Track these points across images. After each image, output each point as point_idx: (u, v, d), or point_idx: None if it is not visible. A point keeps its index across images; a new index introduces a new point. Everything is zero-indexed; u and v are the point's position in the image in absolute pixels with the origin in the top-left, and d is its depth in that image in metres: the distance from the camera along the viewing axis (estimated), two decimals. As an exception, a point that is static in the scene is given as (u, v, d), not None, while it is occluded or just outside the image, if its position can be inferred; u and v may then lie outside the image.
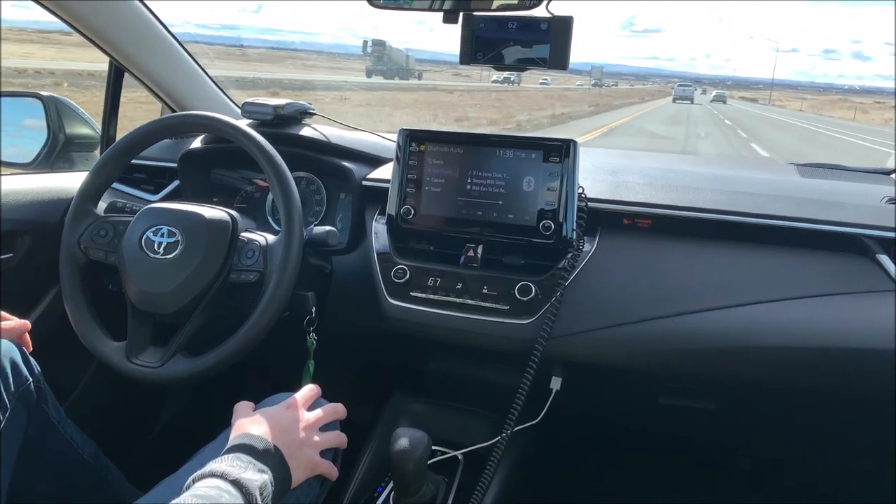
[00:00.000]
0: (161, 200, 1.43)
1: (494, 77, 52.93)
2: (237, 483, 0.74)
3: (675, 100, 46.60)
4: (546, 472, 1.56)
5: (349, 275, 1.32)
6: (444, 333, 1.23)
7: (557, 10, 1.05)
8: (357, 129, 1.56)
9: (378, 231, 1.32)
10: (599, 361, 1.18)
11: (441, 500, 1.22)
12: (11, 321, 1.03)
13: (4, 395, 0.94)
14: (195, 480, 0.75)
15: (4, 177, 1.40)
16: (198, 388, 1.77)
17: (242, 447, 0.81)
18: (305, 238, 1.13)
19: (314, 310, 1.20)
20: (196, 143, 1.51)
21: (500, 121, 19.43)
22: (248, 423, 0.86)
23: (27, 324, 1.04)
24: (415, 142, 1.27)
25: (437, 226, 1.26)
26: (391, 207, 1.28)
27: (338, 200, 1.47)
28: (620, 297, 1.16)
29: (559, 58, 1.08)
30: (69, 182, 1.43)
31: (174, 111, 1.61)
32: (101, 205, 1.22)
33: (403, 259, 1.27)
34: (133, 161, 1.23)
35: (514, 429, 1.17)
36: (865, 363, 1.06)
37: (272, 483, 0.78)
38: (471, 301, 1.20)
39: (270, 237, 1.13)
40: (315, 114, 1.53)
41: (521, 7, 1.06)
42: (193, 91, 1.63)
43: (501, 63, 1.11)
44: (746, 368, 1.12)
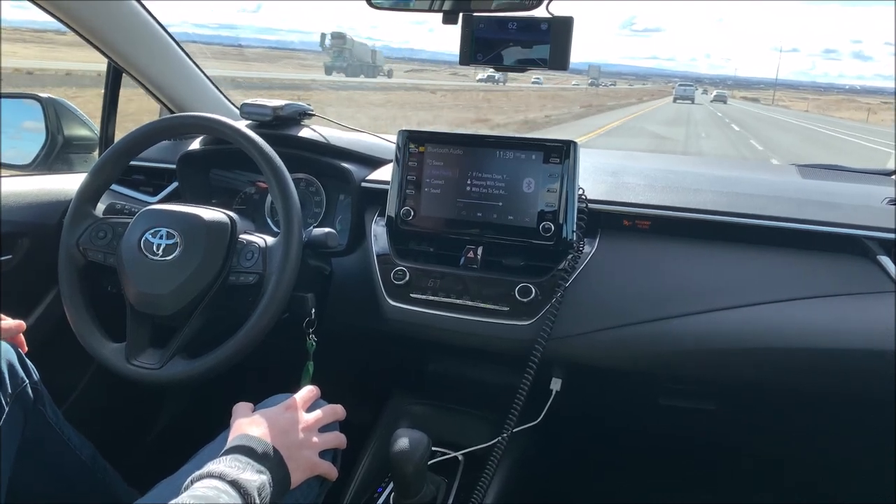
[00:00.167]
0: (160, 202, 1.43)
1: (480, 76, 50.78)
2: (235, 484, 0.74)
3: (676, 99, 46.66)
4: (546, 473, 1.56)
5: (349, 276, 1.32)
6: (444, 335, 1.23)
7: (557, 11, 1.05)
8: (356, 131, 1.56)
9: (377, 232, 1.32)
10: (599, 362, 1.18)
11: (441, 501, 1.22)
12: (7, 321, 1.03)
13: (1, 397, 0.94)
14: (193, 481, 0.75)
15: (3, 178, 1.40)
16: (197, 390, 1.76)
17: (241, 448, 0.80)
18: (305, 240, 1.13)
19: (313, 311, 1.20)
20: (195, 145, 1.50)
21: (467, 123, 17.98)
22: (247, 424, 0.86)
23: (22, 324, 1.04)
24: (414, 143, 1.27)
25: (437, 227, 1.26)
26: (391, 209, 1.27)
27: (337, 202, 1.47)
28: (621, 299, 1.16)
29: (559, 58, 1.07)
30: (68, 184, 1.43)
31: (172, 112, 1.60)
32: (100, 206, 1.22)
33: (403, 260, 1.26)
34: (132, 163, 1.23)
35: (514, 430, 1.16)
36: (866, 364, 1.06)
37: (271, 484, 0.78)
38: (471, 302, 1.20)
39: (269, 239, 1.12)
40: (314, 115, 1.53)
41: (522, 7, 1.05)
42: (192, 92, 1.62)
43: (501, 64, 1.11)
44: (747, 369, 1.12)
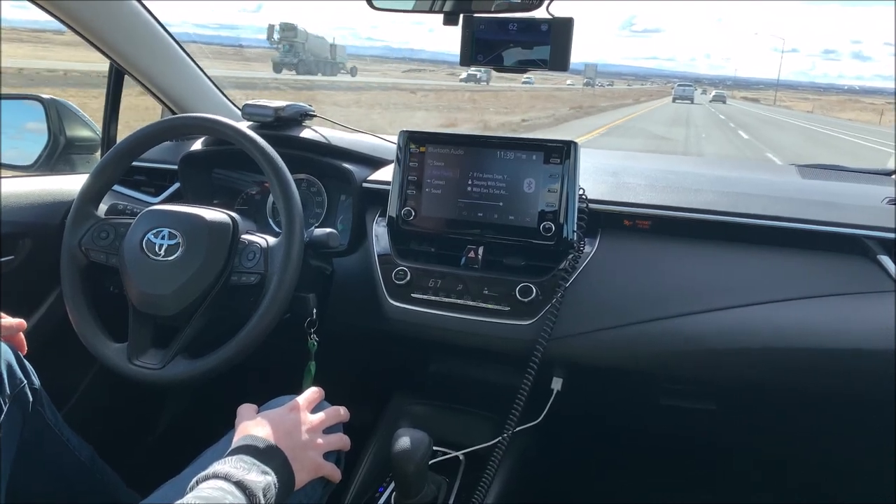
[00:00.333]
0: (162, 202, 1.43)
1: (463, 75, 49.28)
2: (241, 485, 0.74)
3: (675, 99, 46.67)
4: (547, 473, 1.56)
5: (350, 276, 1.32)
6: (445, 334, 1.23)
7: (558, 12, 1.05)
8: (357, 131, 1.56)
9: (379, 233, 1.32)
10: (600, 362, 1.19)
11: (442, 501, 1.22)
12: (8, 319, 1.02)
13: None
14: (199, 482, 0.75)
15: (5, 179, 1.40)
16: (198, 391, 1.77)
17: (246, 448, 0.81)
18: (306, 240, 1.13)
19: (315, 311, 1.20)
20: (196, 146, 1.51)
21: (430, 124, 16.46)
22: (252, 426, 0.86)
23: (23, 323, 1.04)
24: (415, 143, 1.27)
25: (438, 227, 1.26)
26: (392, 209, 1.28)
27: (338, 202, 1.47)
28: (621, 298, 1.16)
29: (560, 59, 1.08)
30: (70, 184, 1.43)
31: (174, 113, 1.61)
32: (102, 207, 1.22)
33: (404, 261, 1.27)
34: (134, 163, 1.24)
35: (515, 429, 1.17)
36: (866, 364, 1.06)
37: (276, 485, 0.78)
38: (472, 302, 1.20)
39: (271, 239, 1.13)
40: (315, 115, 1.53)
41: (522, 8, 1.06)
42: (193, 93, 1.63)
43: (501, 65, 1.11)
44: (747, 369, 1.12)
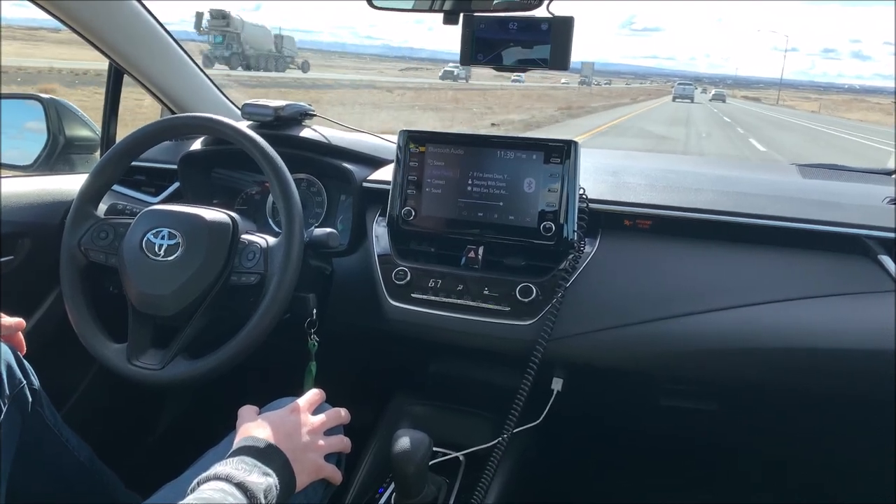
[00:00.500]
0: (161, 202, 1.43)
1: (440, 73, 48.30)
2: (242, 486, 0.73)
3: (675, 98, 46.70)
4: (547, 473, 1.56)
5: (350, 276, 1.32)
6: (445, 335, 1.23)
7: (558, 11, 1.05)
8: (357, 131, 1.56)
9: (379, 233, 1.32)
10: (600, 363, 1.18)
11: (442, 502, 1.22)
12: (7, 319, 1.02)
13: None
14: (200, 483, 0.75)
15: (4, 179, 1.39)
16: (198, 391, 1.76)
17: (247, 450, 0.80)
18: (306, 240, 1.13)
19: (315, 312, 1.20)
20: (196, 145, 1.50)
21: (390, 125, 14.42)
22: (253, 427, 0.86)
23: (22, 322, 1.04)
24: (415, 143, 1.27)
25: (438, 227, 1.26)
26: (392, 209, 1.27)
27: (338, 202, 1.47)
28: (621, 299, 1.16)
29: (560, 58, 1.08)
30: (69, 184, 1.43)
31: (174, 113, 1.60)
32: (102, 207, 1.22)
33: (404, 261, 1.26)
34: (133, 163, 1.23)
35: (515, 430, 1.16)
36: (867, 364, 1.06)
37: (277, 486, 0.78)
38: (472, 302, 1.20)
39: (271, 239, 1.12)
40: (315, 115, 1.53)
41: (522, 7, 1.05)
42: (193, 93, 1.62)
43: (501, 64, 1.11)
44: (748, 369, 1.12)
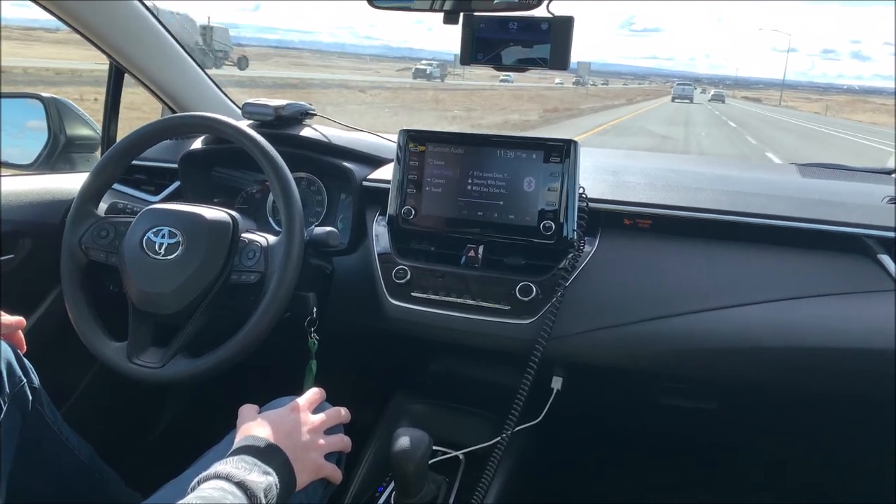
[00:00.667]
0: (162, 201, 1.43)
1: (413, 71, 46.22)
2: (242, 485, 0.73)
3: (675, 99, 46.65)
4: (547, 472, 1.56)
5: (350, 275, 1.32)
6: (445, 334, 1.23)
7: (558, 10, 1.05)
8: (357, 130, 1.56)
9: (379, 232, 1.32)
10: (600, 361, 1.18)
11: (442, 501, 1.22)
12: (7, 317, 1.02)
13: None
14: (200, 482, 0.75)
15: (5, 178, 1.40)
16: (198, 390, 1.76)
17: (248, 449, 0.80)
18: (306, 239, 1.13)
19: (315, 310, 1.20)
20: (197, 144, 1.51)
21: None
22: (254, 426, 0.86)
23: (22, 321, 1.04)
24: (415, 142, 1.27)
25: (438, 226, 1.26)
26: (392, 208, 1.28)
27: (338, 201, 1.47)
28: (621, 298, 1.16)
29: (560, 58, 1.08)
30: (70, 183, 1.43)
31: (174, 112, 1.61)
32: (102, 206, 1.22)
33: (404, 259, 1.27)
34: (134, 162, 1.23)
35: (515, 429, 1.16)
36: (866, 363, 1.06)
37: (277, 485, 0.78)
38: (472, 301, 1.20)
39: (271, 238, 1.12)
40: (316, 114, 1.53)
41: (522, 7, 1.05)
42: (194, 92, 1.63)
43: (501, 63, 1.11)
44: (748, 369, 1.12)
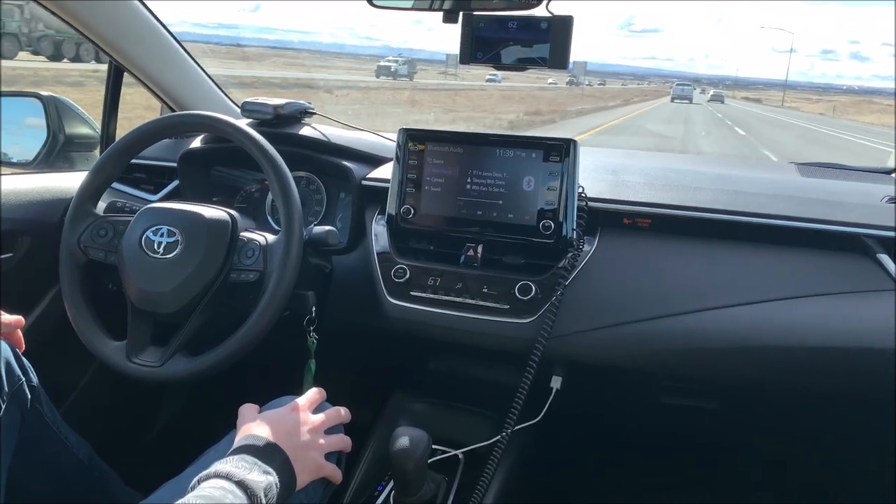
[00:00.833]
0: (161, 200, 1.43)
1: (376, 69, 43.43)
2: (242, 484, 0.74)
3: (674, 99, 46.65)
4: (547, 472, 1.56)
5: (349, 274, 1.32)
6: (445, 333, 1.23)
7: (557, 10, 1.05)
8: (357, 129, 1.56)
9: (378, 231, 1.32)
10: (600, 361, 1.18)
11: (441, 500, 1.22)
12: (6, 316, 1.02)
13: None
14: (200, 481, 0.75)
15: (4, 176, 1.39)
16: (197, 389, 1.76)
17: (248, 448, 0.80)
18: (305, 238, 1.13)
19: (314, 309, 1.20)
20: (196, 143, 1.50)
21: None
22: (254, 426, 0.86)
23: (21, 319, 1.04)
24: (414, 141, 1.27)
25: (437, 225, 1.26)
26: (391, 207, 1.27)
27: (338, 200, 1.47)
28: (621, 297, 1.16)
29: (559, 57, 1.08)
30: (69, 182, 1.43)
31: (174, 111, 1.61)
32: (101, 204, 1.22)
33: (403, 258, 1.26)
34: (133, 161, 1.23)
35: (515, 428, 1.16)
36: (866, 363, 1.06)
37: (277, 485, 0.78)
38: (471, 300, 1.20)
39: (270, 237, 1.12)
40: (315, 113, 1.53)
41: (522, 6, 1.05)
42: (193, 91, 1.62)
43: (500, 62, 1.11)
44: (747, 368, 1.12)
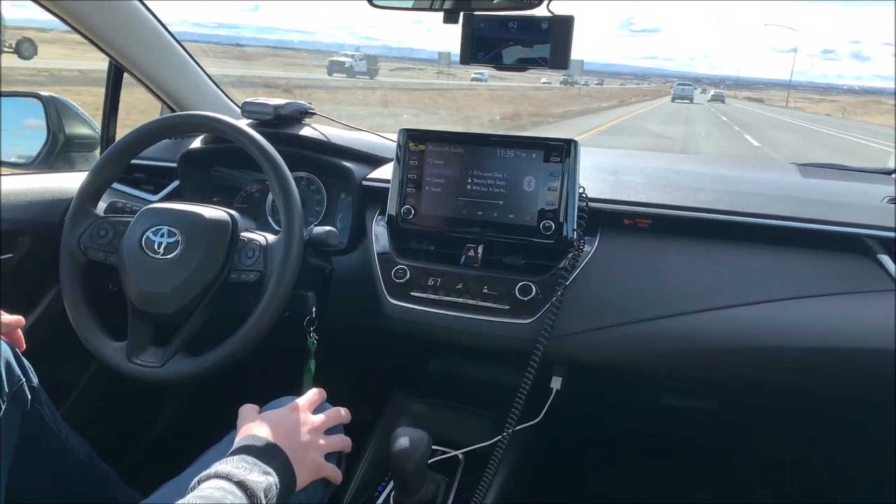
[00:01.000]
0: (161, 200, 1.43)
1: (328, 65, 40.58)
2: (242, 484, 0.73)
3: (674, 99, 46.71)
4: (547, 472, 1.56)
5: (349, 275, 1.32)
6: (445, 333, 1.23)
7: (558, 10, 1.05)
8: (357, 129, 1.56)
9: (378, 231, 1.32)
10: (600, 361, 1.18)
11: (441, 500, 1.22)
12: (7, 316, 1.02)
13: None
14: (200, 481, 0.75)
15: (4, 177, 1.39)
16: (197, 389, 1.76)
17: (248, 448, 0.80)
18: (305, 238, 1.13)
19: (314, 310, 1.20)
20: (196, 143, 1.50)
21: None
22: (254, 426, 0.86)
23: (21, 319, 1.03)
24: (415, 142, 1.27)
25: (438, 226, 1.26)
26: (391, 207, 1.27)
27: (338, 200, 1.47)
28: (621, 297, 1.16)
29: (560, 57, 1.08)
30: (69, 182, 1.43)
31: (174, 111, 1.61)
32: (101, 205, 1.22)
33: (404, 259, 1.26)
34: (133, 161, 1.23)
35: (515, 428, 1.16)
36: (866, 363, 1.06)
37: (277, 485, 0.78)
38: (471, 301, 1.20)
39: (270, 237, 1.12)
40: (315, 113, 1.53)
41: (522, 6, 1.05)
42: (193, 91, 1.62)
43: (501, 63, 1.11)
44: (748, 369, 1.12)
